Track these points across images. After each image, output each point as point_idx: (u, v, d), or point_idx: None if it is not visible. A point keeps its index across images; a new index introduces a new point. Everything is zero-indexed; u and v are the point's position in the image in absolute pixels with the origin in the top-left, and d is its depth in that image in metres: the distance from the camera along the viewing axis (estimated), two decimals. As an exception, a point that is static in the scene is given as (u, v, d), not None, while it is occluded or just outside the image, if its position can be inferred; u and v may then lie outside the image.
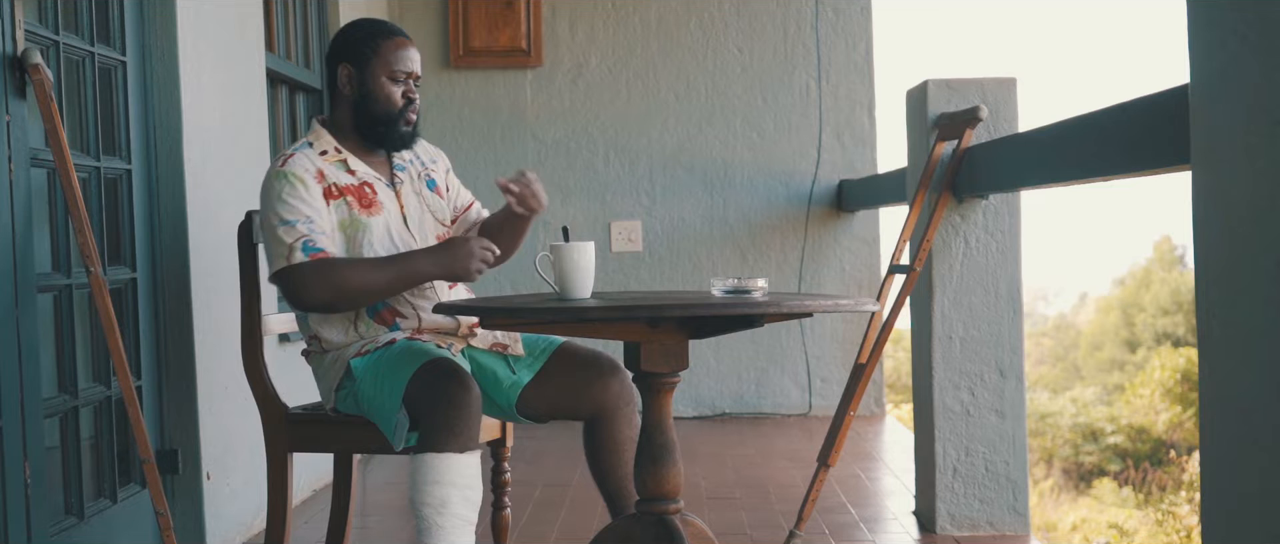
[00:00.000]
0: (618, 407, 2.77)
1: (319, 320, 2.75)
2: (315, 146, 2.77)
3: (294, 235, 2.62)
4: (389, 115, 2.75)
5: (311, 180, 2.69)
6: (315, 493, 4.30)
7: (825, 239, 5.91)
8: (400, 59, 2.76)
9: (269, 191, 2.68)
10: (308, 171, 2.70)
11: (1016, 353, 3.52)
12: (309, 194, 2.67)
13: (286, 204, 2.65)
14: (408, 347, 2.64)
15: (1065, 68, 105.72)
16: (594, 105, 5.91)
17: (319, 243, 2.63)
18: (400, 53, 2.76)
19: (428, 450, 2.47)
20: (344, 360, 2.70)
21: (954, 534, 3.50)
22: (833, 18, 5.90)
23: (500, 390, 2.79)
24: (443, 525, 2.46)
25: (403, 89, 2.76)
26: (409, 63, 2.77)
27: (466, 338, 2.80)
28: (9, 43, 2.60)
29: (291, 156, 2.72)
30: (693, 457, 4.79)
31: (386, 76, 2.75)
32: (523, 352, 2.82)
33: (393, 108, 2.75)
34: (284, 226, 2.63)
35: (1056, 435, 18.22)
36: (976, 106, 3.36)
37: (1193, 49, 1.66)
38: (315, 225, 2.64)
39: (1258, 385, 1.52)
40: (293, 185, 2.67)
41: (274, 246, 2.65)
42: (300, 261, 2.60)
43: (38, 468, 2.63)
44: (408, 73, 2.77)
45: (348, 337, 2.74)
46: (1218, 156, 1.61)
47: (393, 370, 2.58)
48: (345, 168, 2.76)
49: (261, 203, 2.70)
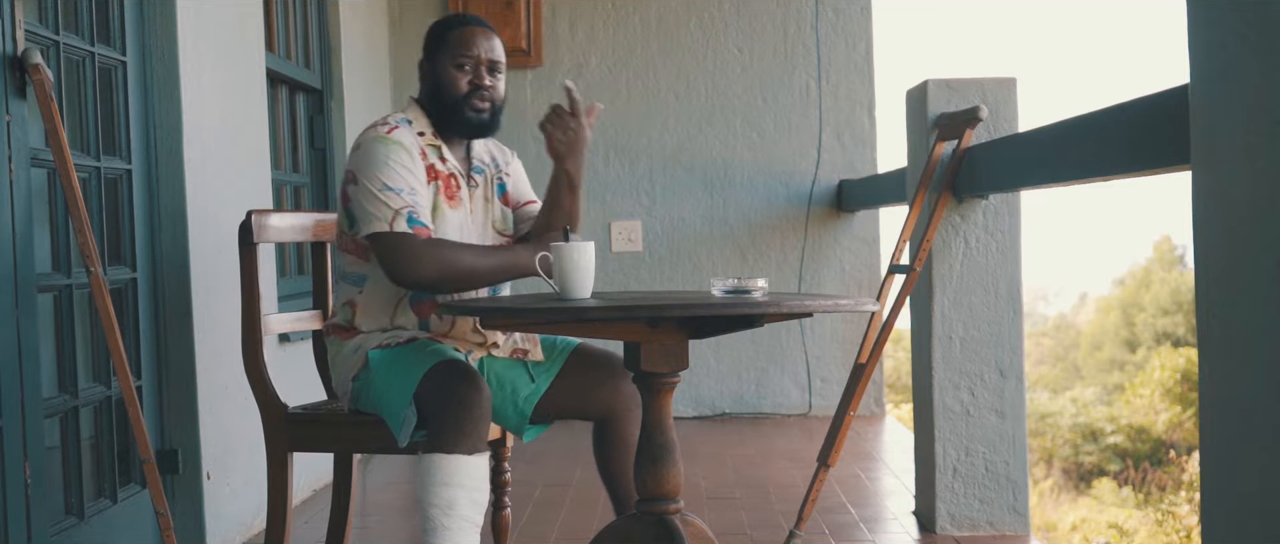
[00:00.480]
0: (628, 407, 2.77)
1: (369, 294, 2.73)
2: (414, 126, 2.75)
3: (400, 203, 2.60)
4: (454, 101, 2.73)
5: (417, 155, 2.68)
6: (315, 493, 4.30)
7: (825, 239, 5.91)
8: (464, 44, 2.74)
9: (372, 154, 2.64)
10: (413, 146, 2.69)
11: (1016, 353, 3.52)
12: (414, 167, 2.66)
13: (392, 170, 2.62)
14: (424, 345, 2.64)
15: (1065, 68, 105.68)
16: (594, 105, 5.90)
17: (421, 217, 2.61)
18: (465, 39, 2.75)
19: (436, 451, 2.47)
20: (364, 351, 2.70)
21: (954, 534, 3.50)
22: (833, 18, 5.89)
23: (516, 404, 2.78)
24: (449, 527, 2.46)
25: (469, 77, 2.73)
26: (474, 48, 2.74)
27: (490, 348, 2.80)
28: (9, 43, 2.60)
29: (396, 127, 2.70)
30: (693, 457, 4.79)
31: (453, 65, 2.74)
32: (542, 356, 2.82)
33: (457, 93, 2.73)
34: (389, 192, 2.60)
35: (1056, 435, 18.23)
36: (976, 106, 3.36)
37: (1193, 49, 1.66)
38: (418, 199, 2.63)
39: (1258, 385, 1.52)
40: (400, 153, 2.65)
41: (374, 208, 2.60)
42: (406, 231, 2.58)
43: (38, 468, 2.63)
44: (473, 58, 2.74)
45: (382, 320, 2.74)
46: (1218, 156, 1.61)
47: (407, 366, 2.58)
48: (439, 155, 2.76)
49: (358, 165, 2.65)
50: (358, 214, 2.64)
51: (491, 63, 2.76)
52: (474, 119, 2.75)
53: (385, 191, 2.60)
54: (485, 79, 2.75)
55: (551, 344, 2.85)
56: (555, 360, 2.81)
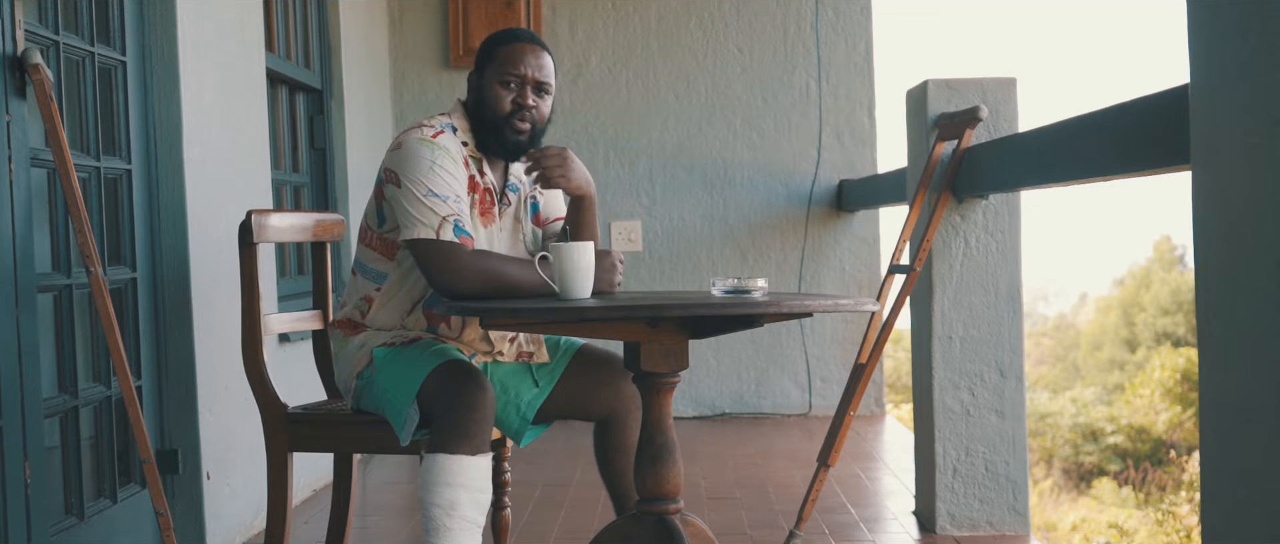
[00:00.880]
0: (629, 408, 2.77)
1: (387, 292, 2.71)
2: (458, 134, 2.70)
3: (446, 210, 2.55)
4: (496, 119, 2.67)
5: (460, 163, 2.64)
6: (315, 493, 4.30)
7: (825, 239, 5.91)
8: (512, 61, 2.67)
9: (416, 157, 2.58)
10: (458, 153, 2.65)
11: (1016, 353, 3.52)
12: (458, 174, 2.62)
13: (438, 176, 2.57)
14: (430, 345, 2.64)
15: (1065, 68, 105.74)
16: (594, 105, 5.91)
17: (465, 226, 2.56)
18: (514, 56, 2.67)
19: (439, 451, 2.47)
20: (370, 348, 2.69)
21: (954, 534, 3.50)
22: (833, 18, 5.90)
23: (519, 409, 2.78)
24: (451, 527, 2.46)
25: (514, 95, 2.67)
26: (521, 66, 2.67)
27: (497, 355, 2.79)
28: (9, 43, 2.60)
29: (441, 132, 2.65)
30: (693, 457, 4.79)
31: (498, 81, 2.67)
32: (548, 358, 2.81)
33: (500, 111, 2.67)
34: (434, 198, 2.55)
35: (1056, 435, 18.22)
36: (976, 106, 3.36)
37: (1193, 49, 1.66)
38: (463, 208, 2.59)
39: (1258, 385, 1.52)
40: (446, 160, 2.60)
41: (419, 213, 2.55)
42: (452, 240, 2.53)
43: (38, 468, 2.63)
44: (520, 76, 2.66)
45: (393, 319, 2.72)
46: (1218, 156, 1.61)
47: (411, 365, 2.57)
48: (480, 168, 2.71)
49: (402, 165, 2.59)
50: (399, 216, 2.59)
51: (538, 83, 2.69)
52: (512, 140, 2.69)
53: (430, 197, 2.55)
54: (530, 99, 2.68)
55: (555, 345, 2.85)
56: (559, 361, 2.81)
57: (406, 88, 5.92)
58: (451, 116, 2.73)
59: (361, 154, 5.18)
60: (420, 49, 5.87)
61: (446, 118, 2.72)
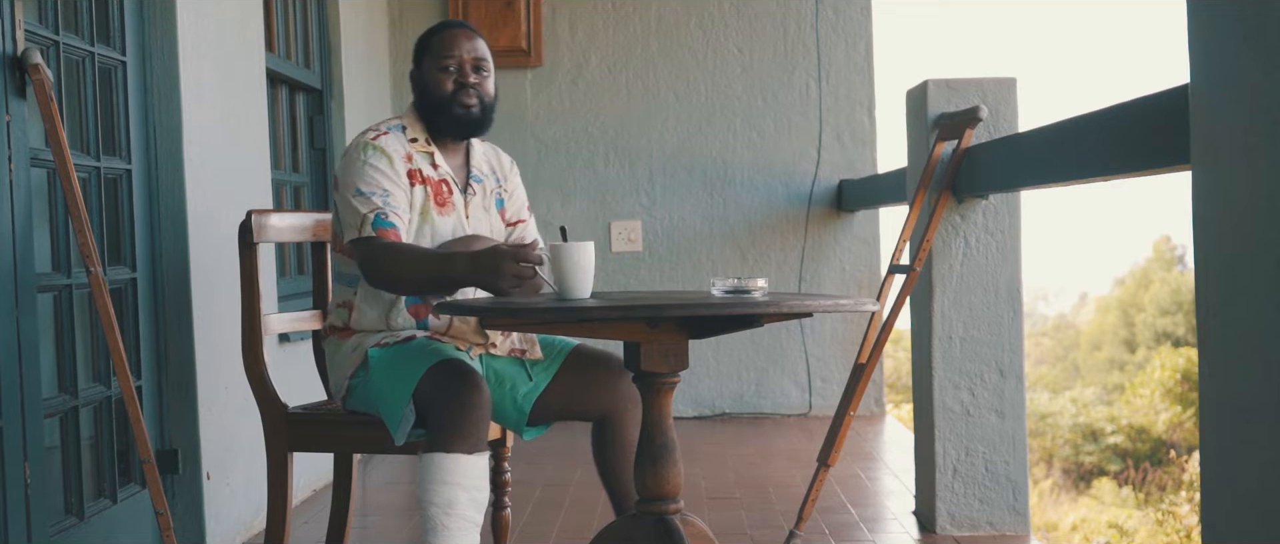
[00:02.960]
0: (626, 407, 2.77)
1: (363, 296, 2.75)
2: (408, 132, 2.79)
3: (368, 207, 2.64)
4: (440, 102, 2.76)
5: (399, 159, 2.72)
6: (315, 493, 4.30)
7: (825, 239, 5.91)
8: (446, 47, 2.77)
9: (352, 161, 2.70)
10: (396, 151, 2.72)
11: (1016, 353, 3.52)
12: (392, 170, 2.69)
13: (366, 175, 2.67)
14: (424, 344, 2.65)
15: (1065, 68, 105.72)
16: (594, 105, 5.91)
17: (390, 218, 2.64)
18: (447, 42, 2.78)
19: (436, 450, 2.47)
20: (363, 350, 2.70)
21: (954, 534, 3.50)
22: (833, 18, 5.89)
23: (515, 401, 2.78)
24: (449, 526, 2.47)
25: (454, 77, 2.76)
26: (456, 49, 2.77)
27: (489, 347, 2.80)
28: (9, 43, 2.60)
29: (385, 134, 2.74)
30: (693, 457, 4.79)
31: (437, 68, 2.77)
32: (541, 355, 2.82)
33: (443, 94, 2.76)
34: (360, 197, 2.65)
35: (1056, 435, 18.23)
36: (976, 106, 3.36)
37: (1193, 49, 1.66)
38: (391, 200, 2.66)
39: (1258, 385, 1.52)
40: (377, 158, 2.69)
41: (348, 216, 2.67)
42: (370, 235, 2.62)
43: (38, 468, 2.63)
44: (456, 58, 2.76)
45: (378, 321, 2.75)
46: (1218, 156, 1.61)
47: (406, 365, 2.58)
48: (431, 161, 2.78)
49: (342, 170, 2.71)
50: (341, 218, 2.71)
51: (475, 62, 2.78)
52: (464, 116, 2.77)
53: (357, 197, 2.65)
54: (470, 77, 2.77)
55: (550, 344, 2.85)
56: (553, 360, 2.81)
57: (406, 88, 5.91)
58: (403, 118, 2.82)
59: (361, 154, 5.17)
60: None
61: (397, 120, 2.82)
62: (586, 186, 5.90)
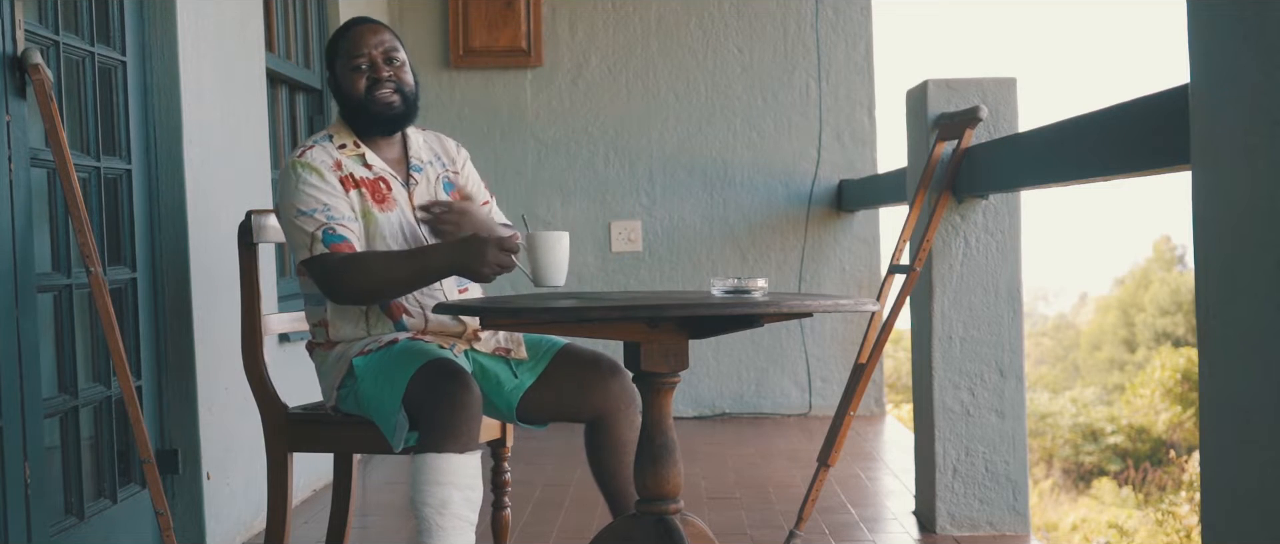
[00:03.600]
0: (619, 408, 2.77)
1: (335, 312, 2.75)
2: (335, 140, 2.78)
3: (314, 224, 2.64)
4: (359, 103, 2.76)
5: (328, 171, 2.71)
6: (315, 493, 4.30)
7: (825, 239, 5.91)
8: (352, 45, 2.76)
9: (285, 183, 2.71)
10: (324, 163, 2.72)
11: (1016, 353, 3.52)
12: (326, 183, 2.69)
13: (302, 194, 2.67)
14: (409, 347, 2.64)
15: (1065, 68, 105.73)
16: (594, 105, 5.91)
17: (339, 231, 2.65)
18: (353, 40, 2.77)
19: (428, 451, 2.47)
20: (347, 359, 2.70)
21: (954, 534, 3.50)
22: (833, 18, 5.90)
23: (502, 394, 2.78)
24: (443, 526, 2.46)
25: (366, 74, 2.75)
26: (362, 46, 2.75)
27: (471, 340, 2.80)
28: (9, 43, 2.60)
29: (310, 148, 2.74)
30: (693, 457, 4.79)
31: (349, 69, 2.76)
32: (526, 355, 2.82)
33: (358, 94, 2.75)
34: (302, 217, 2.65)
35: (1056, 435, 18.23)
36: (976, 106, 3.36)
37: (1193, 49, 1.66)
38: (334, 212, 2.66)
39: (1258, 385, 1.52)
40: (308, 174, 2.69)
41: (296, 237, 2.67)
42: (323, 252, 2.62)
43: (38, 468, 2.63)
44: (364, 56, 2.75)
45: (357, 330, 2.74)
46: (1218, 156, 1.61)
47: (393, 370, 2.57)
48: (362, 162, 2.77)
49: (279, 195, 2.72)
50: (290, 242, 2.72)
51: (386, 54, 2.77)
52: (383, 111, 2.76)
53: (299, 217, 2.66)
54: (383, 71, 2.76)
55: (536, 344, 2.84)
56: (540, 360, 2.80)
57: (406, 88, 5.92)
58: (330, 127, 2.82)
59: (361, 154, 5.17)
60: (420, 49, 5.87)
61: (324, 131, 2.82)
62: (586, 186, 5.90)
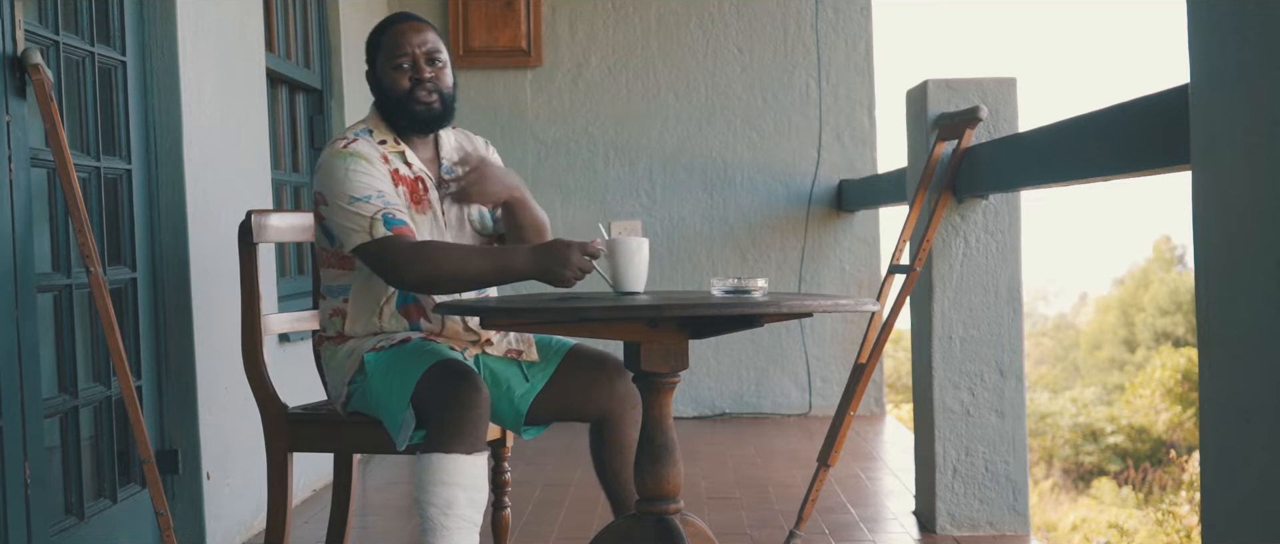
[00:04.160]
0: (624, 408, 2.77)
1: (355, 304, 2.73)
2: (375, 135, 2.76)
3: (371, 209, 2.60)
4: (398, 100, 2.73)
5: (377, 160, 2.68)
6: (315, 493, 4.30)
7: (825, 239, 5.91)
8: (396, 44, 2.74)
9: (333, 172, 2.65)
10: (372, 154, 2.69)
11: (1016, 353, 3.52)
12: (376, 171, 2.66)
13: (354, 181, 2.62)
14: (421, 346, 2.64)
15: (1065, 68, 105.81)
16: (594, 105, 5.91)
17: (397, 215, 2.61)
18: (397, 38, 2.74)
19: (435, 451, 2.47)
20: (359, 354, 2.69)
21: (954, 534, 3.50)
22: (833, 18, 5.90)
23: (512, 401, 2.77)
24: (448, 527, 2.46)
25: (408, 73, 2.72)
26: (406, 45, 2.73)
27: (484, 346, 2.79)
28: (9, 43, 2.60)
29: (354, 141, 2.70)
30: (693, 457, 4.79)
31: (390, 66, 2.73)
32: (537, 356, 2.82)
33: (399, 92, 2.72)
34: (357, 203, 2.61)
35: (1056, 435, 18.22)
36: (976, 106, 3.36)
37: (1193, 49, 1.66)
38: (389, 198, 2.63)
39: (1258, 385, 1.52)
40: (358, 162, 2.65)
41: (350, 223, 2.61)
42: (386, 235, 2.58)
43: (38, 468, 2.63)
44: (408, 54, 2.73)
45: (370, 327, 2.73)
46: (1218, 156, 1.61)
47: (403, 368, 2.57)
48: (403, 160, 2.75)
49: (323, 185, 2.66)
50: (336, 232, 2.66)
51: (429, 54, 2.75)
52: (423, 112, 2.74)
53: (354, 203, 2.61)
54: (425, 71, 2.74)
55: (547, 345, 2.85)
56: (550, 361, 2.80)
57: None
58: (366, 122, 2.79)
59: (361, 154, 5.17)
60: (420, 49, 5.87)
61: (361, 124, 2.79)
62: (586, 186, 5.90)
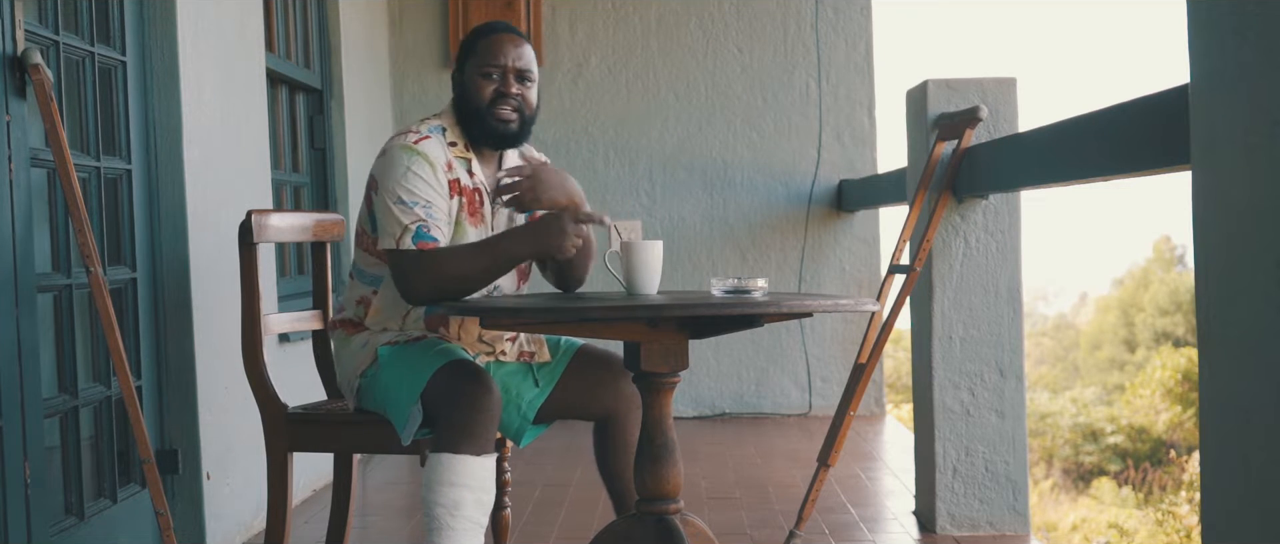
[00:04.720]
0: (629, 408, 2.77)
1: (383, 296, 2.71)
2: (447, 135, 2.71)
3: (410, 217, 2.57)
4: (479, 109, 2.68)
5: (441, 168, 2.64)
6: (315, 493, 4.30)
7: (825, 239, 5.91)
8: (491, 53, 2.68)
9: (394, 163, 2.61)
10: (438, 158, 2.64)
11: (1016, 353, 3.52)
12: (435, 179, 2.62)
13: (409, 183, 2.59)
14: (435, 343, 2.63)
15: (1065, 68, 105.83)
16: (594, 105, 5.91)
17: (432, 231, 2.57)
18: (492, 47, 2.69)
19: (444, 451, 2.47)
20: (373, 347, 2.68)
21: (954, 534, 3.50)
22: (833, 18, 5.90)
23: (520, 408, 2.77)
24: (454, 527, 2.46)
25: (496, 85, 2.68)
26: (501, 56, 2.68)
27: (498, 356, 2.78)
28: (9, 43, 2.60)
29: (426, 137, 2.65)
30: (693, 457, 4.79)
31: (479, 73, 2.69)
32: (549, 357, 2.81)
33: (481, 101, 2.68)
34: (401, 206, 2.57)
35: (1056, 435, 18.22)
36: (976, 106, 3.36)
37: (1193, 49, 1.66)
38: (434, 210, 2.59)
39: (1257, 385, 1.52)
40: (420, 164, 2.61)
41: (387, 222, 2.59)
42: (408, 249, 2.55)
43: (38, 468, 2.63)
44: (501, 66, 2.68)
45: (393, 322, 2.72)
46: (1218, 156, 1.61)
47: (416, 364, 2.57)
48: (468, 168, 2.71)
49: (381, 171, 2.63)
50: (378, 223, 2.64)
51: (520, 71, 2.70)
52: (500, 129, 2.70)
53: (398, 204, 2.58)
54: (512, 87, 2.69)
55: (555, 344, 2.85)
56: (559, 361, 2.80)
57: (406, 88, 5.92)
58: (442, 118, 2.74)
59: (361, 154, 5.18)
60: (420, 49, 5.88)
61: (437, 120, 2.73)
62: (586, 186, 5.88)
